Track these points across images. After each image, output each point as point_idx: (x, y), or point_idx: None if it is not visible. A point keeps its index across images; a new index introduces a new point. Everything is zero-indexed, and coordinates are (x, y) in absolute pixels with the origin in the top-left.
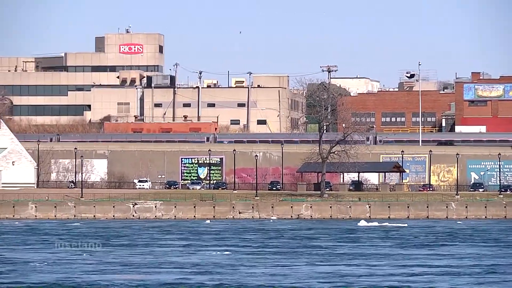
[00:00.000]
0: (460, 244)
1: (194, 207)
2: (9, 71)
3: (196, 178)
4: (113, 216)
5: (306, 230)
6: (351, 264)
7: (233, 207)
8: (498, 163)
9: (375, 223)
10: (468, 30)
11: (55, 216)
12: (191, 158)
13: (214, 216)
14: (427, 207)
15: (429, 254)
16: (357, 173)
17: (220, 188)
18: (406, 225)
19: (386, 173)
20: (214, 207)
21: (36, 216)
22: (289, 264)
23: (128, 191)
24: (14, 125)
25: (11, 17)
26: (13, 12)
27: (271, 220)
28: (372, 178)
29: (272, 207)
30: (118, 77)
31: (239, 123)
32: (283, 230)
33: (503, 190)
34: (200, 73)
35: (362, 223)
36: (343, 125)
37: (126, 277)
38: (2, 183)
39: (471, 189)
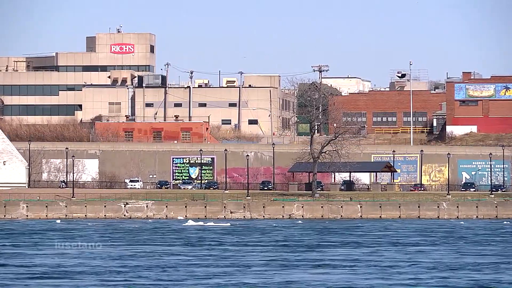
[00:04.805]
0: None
1: (186, 207)
2: (0, 70)
3: (187, 178)
4: (105, 215)
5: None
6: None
7: (224, 207)
8: (489, 162)
9: (201, 223)
10: (459, 30)
11: (46, 216)
12: (183, 158)
13: (205, 216)
14: (419, 207)
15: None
16: (349, 173)
17: (211, 188)
18: (229, 224)
19: (378, 173)
20: (205, 206)
21: (27, 216)
22: None
23: (120, 191)
24: (5, 125)
25: (1, 17)
26: (4, 11)
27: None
28: (364, 178)
29: (263, 206)
30: (109, 77)
31: (230, 123)
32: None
33: (494, 189)
34: (191, 73)
35: (190, 222)
36: (334, 125)
37: None
38: None
39: (462, 189)
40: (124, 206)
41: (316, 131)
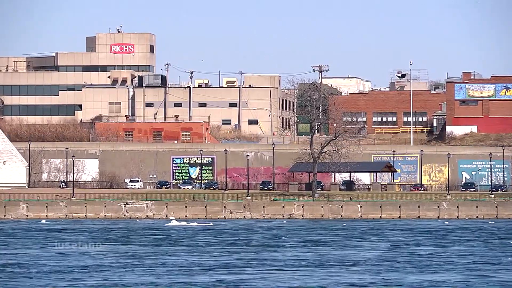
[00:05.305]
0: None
1: (186, 207)
2: (0, 70)
3: (187, 178)
4: (105, 215)
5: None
6: None
7: (224, 207)
8: (489, 162)
9: (184, 223)
10: (459, 30)
11: (46, 216)
12: (183, 158)
13: (205, 216)
14: (419, 207)
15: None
16: (349, 173)
17: (211, 188)
18: (211, 224)
19: (378, 173)
20: (205, 207)
21: (27, 216)
22: None
23: (120, 191)
24: (5, 125)
25: (1, 17)
26: (4, 11)
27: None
28: (364, 178)
29: (263, 206)
30: (109, 77)
31: (230, 123)
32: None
33: (494, 189)
34: (192, 73)
35: (173, 222)
36: (335, 125)
37: None
38: None
39: (462, 189)
40: (124, 206)
41: (316, 131)
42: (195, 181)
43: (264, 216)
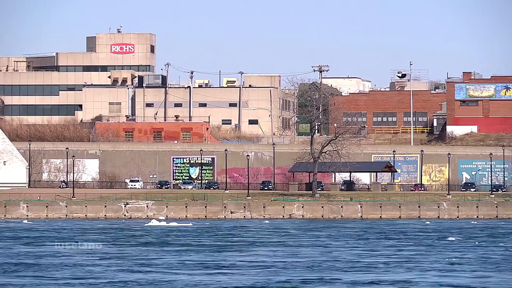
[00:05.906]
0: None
1: (186, 207)
2: (0, 70)
3: (187, 178)
4: (105, 215)
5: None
6: None
7: (224, 207)
8: (490, 162)
9: (164, 223)
10: (459, 30)
11: (46, 216)
12: (183, 158)
13: (205, 216)
14: (419, 207)
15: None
16: (349, 173)
17: (211, 188)
18: (191, 224)
19: (378, 173)
20: (205, 207)
21: (27, 216)
22: None
23: (120, 191)
24: (5, 125)
25: (1, 17)
26: (4, 11)
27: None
28: (364, 178)
29: (263, 207)
30: (109, 77)
31: (230, 123)
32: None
33: (494, 189)
34: (192, 73)
35: (153, 222)
36: (335, 125)
37: None
38: None
39: (462, 189)
40: (125, 206)
41: (316, 131)
42: (195, 181)
43: (264, 216)
